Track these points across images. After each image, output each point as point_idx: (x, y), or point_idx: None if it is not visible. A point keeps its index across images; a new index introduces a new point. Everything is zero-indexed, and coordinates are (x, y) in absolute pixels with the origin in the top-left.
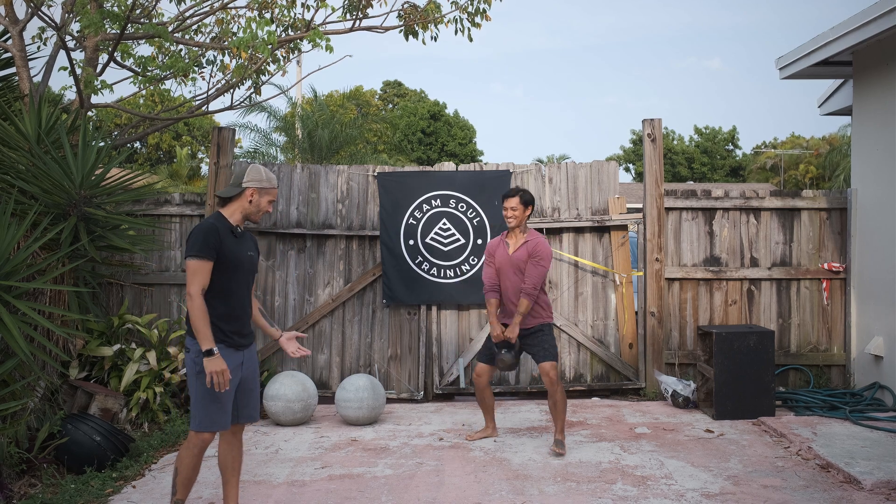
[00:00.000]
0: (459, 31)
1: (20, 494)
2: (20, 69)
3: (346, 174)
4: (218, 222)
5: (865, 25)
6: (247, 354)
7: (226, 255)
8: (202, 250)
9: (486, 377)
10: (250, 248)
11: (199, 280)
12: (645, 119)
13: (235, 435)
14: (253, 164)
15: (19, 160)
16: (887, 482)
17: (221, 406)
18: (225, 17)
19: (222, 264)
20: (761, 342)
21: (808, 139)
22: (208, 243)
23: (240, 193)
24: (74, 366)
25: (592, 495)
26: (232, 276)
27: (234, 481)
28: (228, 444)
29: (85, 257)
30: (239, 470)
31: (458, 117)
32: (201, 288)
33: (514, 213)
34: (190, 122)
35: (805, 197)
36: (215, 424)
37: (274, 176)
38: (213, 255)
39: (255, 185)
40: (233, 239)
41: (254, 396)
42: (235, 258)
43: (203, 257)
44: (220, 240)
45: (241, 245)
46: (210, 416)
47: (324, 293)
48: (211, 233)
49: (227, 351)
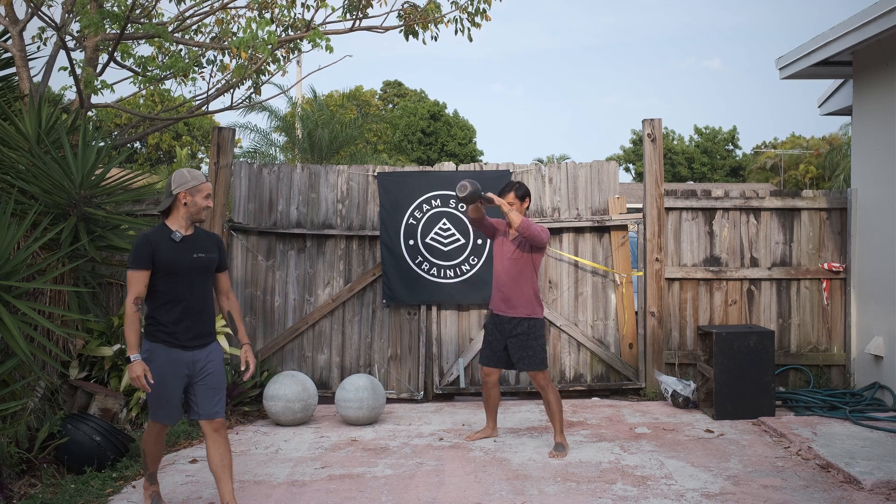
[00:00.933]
0: (459, 31)
1: (20, 494)
2: (20, 69)
3: (346, 174)
4: (155, 232)
5: (865, 25)
6: (200, 354)
7: (162, 261)
8: (134, 262)
9: (494, 377)
10: (200, 251)
11: (132, 290)
12: (645, 119)
13: (215, 431)
14: (177, 170)
15: (19, 160)
16: (887, 482)
17: (164, 402)
18: (225, 17)
19: (161, 271)
20: (761, 342)
21: (808, 139)
22: (140, 254)
23: (174, 201)
24: (74, 366)
25: (592, 495)
26: (176, 281)
27: (226, 477)
28: (210, 442)
29: (85, 257)
30: (229, 466)
31: (458, 117)
32: (134, 297)
33: (511, 208)
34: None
35: (805, 197)
36: (161, 417)
37: (199, 173)
38: (146, 265)
39: (184, 189)
40: (173, 246)
41: (215, 393)
42: (174, 264)
43: (135, 268)
44: (153, 250)
45: (185, 250)
46: (155, 410)
47: (324, 293)
48: (143, 245)
49: (172, 351)
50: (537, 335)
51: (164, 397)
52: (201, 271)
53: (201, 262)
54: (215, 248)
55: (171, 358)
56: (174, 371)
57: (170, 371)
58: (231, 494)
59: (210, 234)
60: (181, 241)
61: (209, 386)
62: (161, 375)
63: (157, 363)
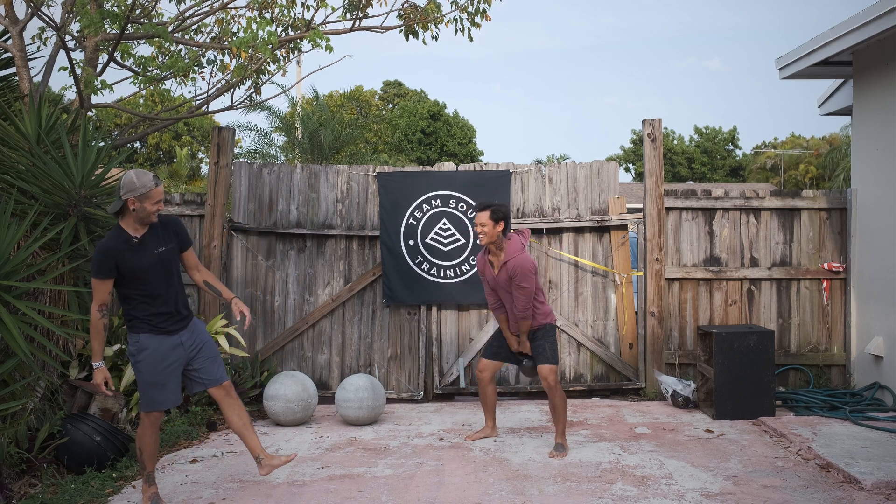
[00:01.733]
0: (459, 31)
1: (20, 494)
2: (20, 69)
3: (346, 174)
4: (113, 240)
5: (865, 25)
6: (185, 334)
7: (125, 268)
8: (97, 272)
9: (489, 372)
10: (160, 244)
11: (97, 297)
12: (645, 119)
13: (228, 395)
14: (126, 173)
15: (19, 160)
16: (887, 482)
17: (159, 387)
18: (225, 17)
19: (126, 276)
20: (761, 342)
21: (808, 139)
22: (101, 264)
23: (124, 206)
24: (74, 366)
25: (592, 495)
26: (139, 281)
27: (251, 434)
28: (226, 406)
29: (85, 257)
30: (250, 424)
31: (458, 117)
32: (99, 304)
33: (483, 230)
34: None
35: (805, 197)
36: (158, 404)
37: (148, 177)
38: (108, 273)
39: (132, 195)
40: (130, 249)
41: (214, 362)
42: (137, 267)
43: (98, 277)
44: (113, 258)
45: (144, 250)
46: (153, 398)
47: (324, 293)
48: (103, 254)
49: (160, 338)
50: (549, 336)
51: (161, 381)
52: (165, 265)
53: (162, 255)
54: (173, 236)
55: (159, 342)
56: (166, 354)
57: (162, 354)
58: (260, 447)
59: (165, 222)
60: (139, 242)
61: (206, 356)
62: (154, 360)
63: (149, 350)
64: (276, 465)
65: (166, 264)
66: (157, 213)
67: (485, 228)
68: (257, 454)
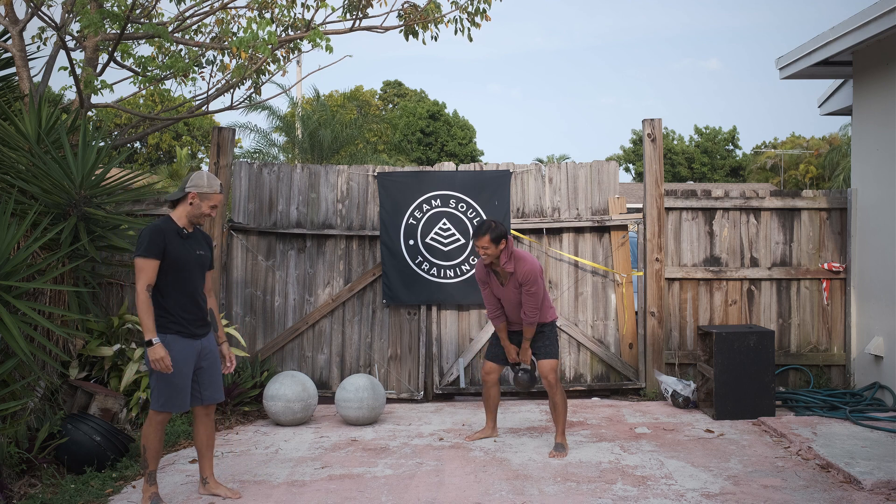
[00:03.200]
0: (459, 31)
1: (20, 494)
2: (20, 69)
3: (346, 174)
4: (165, 224)
5: (865, 25)
6: (204, 343)
7: (172, 255)
8: (148, 250)
9: (494, 375)
10: (200, 248)
11: (144, 277)
12: (645, 119)
13: (208, 416)
14: (199, 170)
15: (19, 160)
16: (887, 482)
17: (177, 389)
18: (225, 17)
19: (170, 264)
20: (761, 342)
21: (808, 139)
22: (154, 244)
23: (183, 197)
24: (74, 366)
25: (592, 495)
26: (181, 273)
27: (209, 455)
28: (202, 424)
29: (85, 257)
30: (212, 447)
31: (458, 117)
32: (146, 285)
33: (486, 252)
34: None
35: (805, 197)
36: (173, 406)
37: (218, 182)
38: (158, 254)
39: (195, 190)
40: (179, 240)
41: (216, 380)
42: (182, 258)
43: (148, 256)
44: (164, 241)
45: (189, 245)
46: (168, 399)
47: (324, 293)
48: (156, 234)
49: (185, 340)
50: (551, 332)
51: (180, 385)
52: (200, 267)
53: (200, 258)
54: (208, 248)
55: (184, 346)
56: (187, 360)
57: (184, 360)
58: (211, 471)
59: (205, 234)
60: (187, 236)
61: (212, 373)
62: (177, 364)
63: (174, 352)
64: (217, 493)
65: (201, 268)
66: (207, 218)
67: (487, 251)
68: (205, 475)
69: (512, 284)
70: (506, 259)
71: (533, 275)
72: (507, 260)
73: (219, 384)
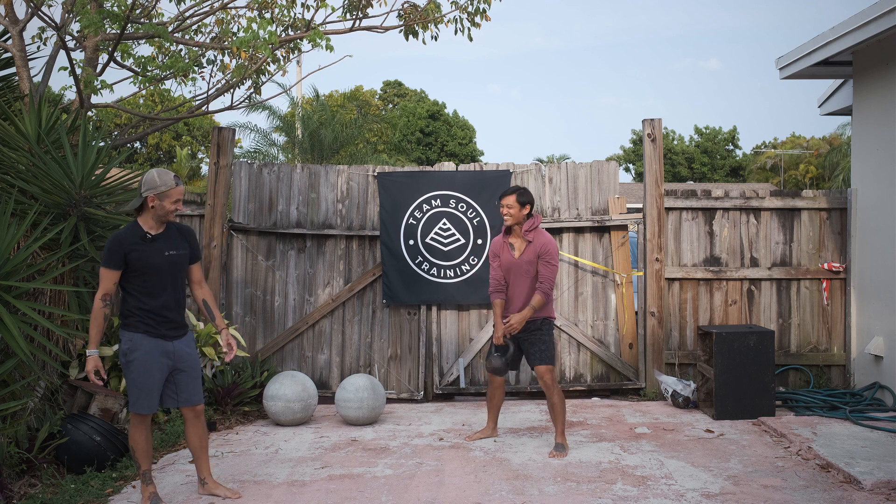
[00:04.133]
0: (459, 31)
1: (20, 494)
2: (20, 69)
3: (346, 174)
4: (126, 231)
5: (865, 25)
6: (178, 344)
7: (136, 261)
8: (107, 261)
9: (502, 377)
10: (172, 247)
11: (102, 286)
12: (645, 119)
13: (197, 417)
14: (149, 171)
15: (19, 160)
16: (887, 482)
17: (147, 391)
18: (225, 17)
19: (134, 269)
20: (761, 342)
21: (808, 139)
22: (112, 253)
23: (143, 203)
24: (74, 366)
25: (592, 495)
26: (148, 278)
27: (204, 456)
28: (192, 426)
29: (85, 257)
30: (206, 447)
31: (458, 117)
32: (103, 293)
33: (509, 212)
34: (190, 122)
35: (805, 197)
36: (140, 407)
37: (170, 176)
38: (117, 264)
39: (152, 193)
40: (144, 245)
41: (195, 382)
42: (147, 262)
43: (108, 266)
44: (123, 249)
45: (156, 248)
46: (138, 400)
47: (324, 293)
48: (114, 244)
49: (153, 340)
50: (549, 332)
51: (148, 386)
52: (173, 268)
53: (172, 259)
54: (186, 244)
55: (153, 347)
56: (157, 360)
57: (153, 360)
58: (208, 471)
59: (182, 229)
60: (152, 240)
61: (190, 375)
62: (145, 365)
63: (141, 352)
64: (217, 493)
65: (174, 268)
66: (175, 213)
67: (511, 210)
68: (203, 476)
69: (527, 256)
70: (528, 227)
71: (554, 248)
72: (528, 229)
73: (197, 388)
